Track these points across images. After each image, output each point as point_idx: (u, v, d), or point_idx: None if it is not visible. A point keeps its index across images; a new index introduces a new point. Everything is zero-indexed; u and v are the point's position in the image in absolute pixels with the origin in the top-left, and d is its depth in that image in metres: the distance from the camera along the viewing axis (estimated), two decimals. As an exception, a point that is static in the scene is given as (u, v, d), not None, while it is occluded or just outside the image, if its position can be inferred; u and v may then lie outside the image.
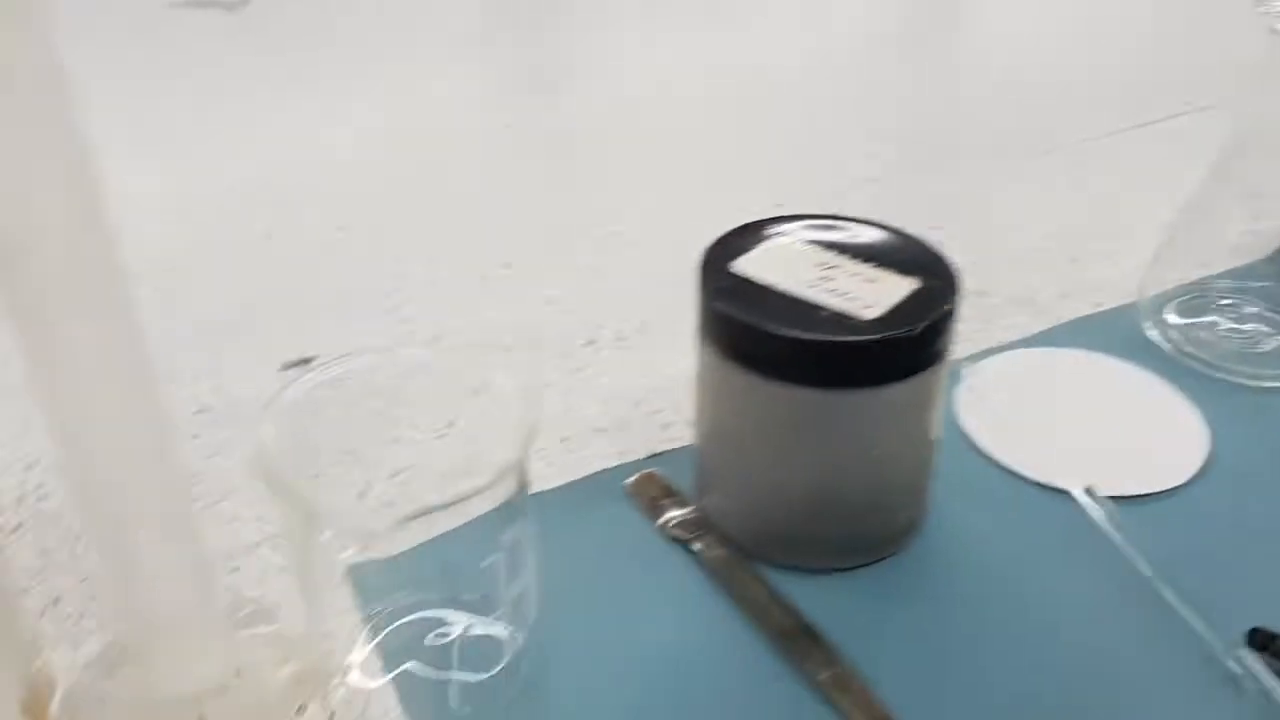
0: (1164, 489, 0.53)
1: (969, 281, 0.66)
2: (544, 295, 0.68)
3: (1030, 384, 0.60)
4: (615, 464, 0.55)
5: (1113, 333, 0.64)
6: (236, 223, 0.76)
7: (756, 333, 0.43)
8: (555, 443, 0.56)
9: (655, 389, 0.60)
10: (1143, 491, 0.53)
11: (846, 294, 0.45)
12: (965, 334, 0.64)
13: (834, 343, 0.42)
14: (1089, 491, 0.52)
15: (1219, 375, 0.61)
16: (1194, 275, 0.65)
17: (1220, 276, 0.66)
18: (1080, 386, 0.60)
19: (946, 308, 0.44)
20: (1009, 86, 0.94)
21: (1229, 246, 0.65)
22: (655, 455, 0.56)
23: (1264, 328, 0.63)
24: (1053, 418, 0.57)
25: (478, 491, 0.37)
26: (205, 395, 0.59)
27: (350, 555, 0.48)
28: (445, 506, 0.37)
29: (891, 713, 0.43)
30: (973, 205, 0.76)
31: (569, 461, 0.55)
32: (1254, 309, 0.64)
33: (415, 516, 0.36)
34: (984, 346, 0.63)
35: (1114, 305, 0.67)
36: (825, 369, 0.43)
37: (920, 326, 0.43)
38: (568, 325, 0.66)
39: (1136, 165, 0.82)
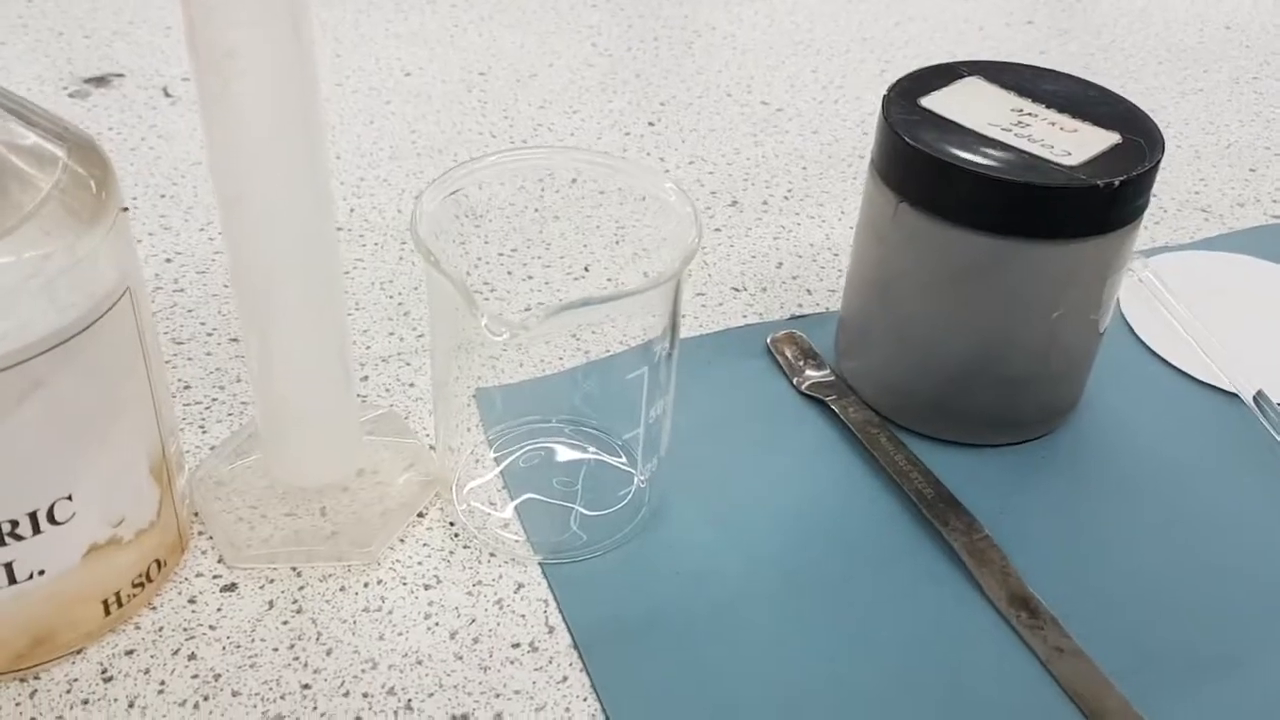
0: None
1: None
2: (689, 154, 0.65)
3: (1201, 286, 0.55)
4: (754, 322, 0.52)
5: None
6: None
7: (941, 166, 0.40)
8: (690, 297, 0.53)
9: (798, 255, 0.57)
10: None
11: (1042, 140, 0.41)
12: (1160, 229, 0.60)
13: (1027, 185, 0.39)
14: (1259, 397, 0.47)
15: None
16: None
17: None
18: (1254, 294, 0.55)
19: (1149, 164, 0.40)
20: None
21: None
22: (796, 318, 0.52)
23: None
24: (1224, 321, 0.52)
25: (633, 292, 0.34)
26: (341, 215, 0.58)
27: (483, 378, 0.46)
28: (601, 301, 0.34)
29: (1030, 588, 0.40)
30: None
31: (706, 317, 0.52)
32: None
33: (570, 307, 0.34)
34: (1157, 244, 0.59)
35: (1292, 219, 0.62)
36: (1014, 214, 0.39)
37: (1120, 180, 0.39)
38: (712, 185, 0.63)
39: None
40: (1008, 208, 0.39)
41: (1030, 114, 0.43)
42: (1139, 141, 0.41)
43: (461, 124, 0.67)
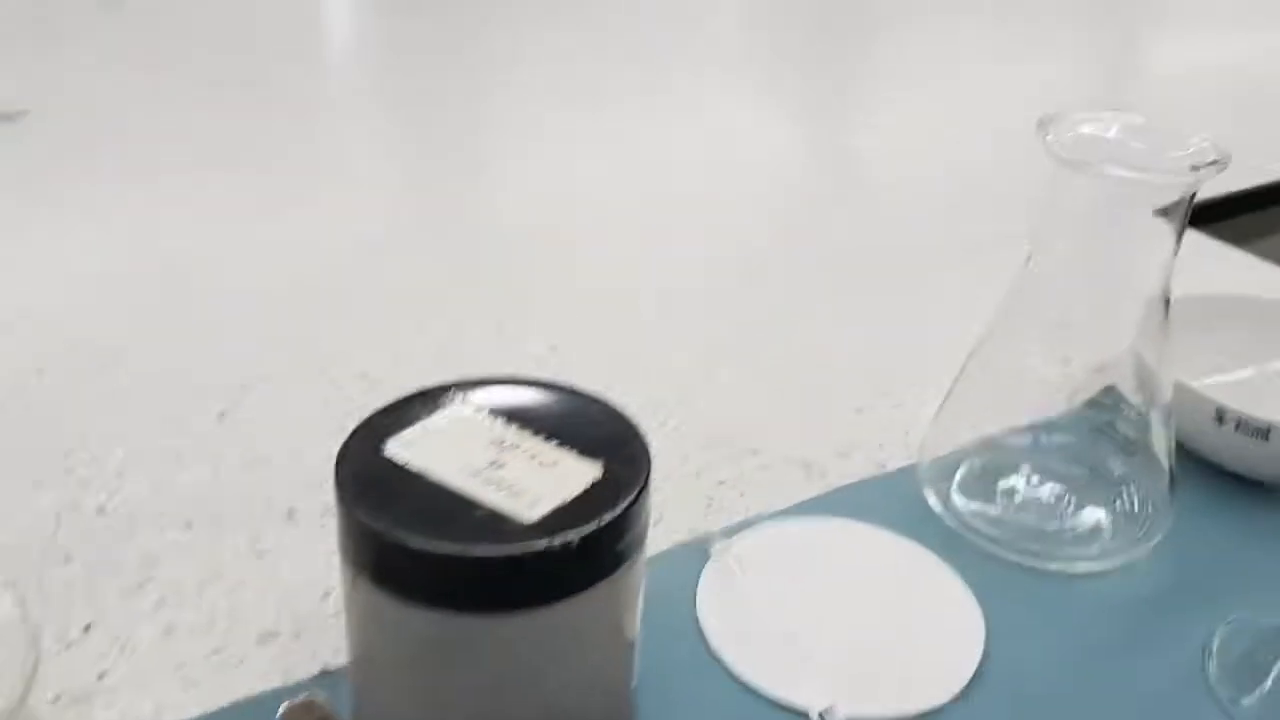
0: (917, 712, 0.43)
1: (742, 439, 0.56)
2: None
3: (788, 566, 0.49)
4: (274, 686, 0.43)
5: (892, 501, 0.55)
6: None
7: (384, 541, 0.33)
8: (200, 658, 0.44)
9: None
10: (892, 715, 0.43)
11: (513, 487, 0.34)
12: (725, 501, 0.54)
13: (477, 560, 0.32)
14: (823, 717, 0.41)
15: (1008, 556, 0.51)
16: (985, 431, 0.56)
17: (1016, 433, 0.57)
18: (845, 571, 0.50)
19: (624, 505, 0.34)
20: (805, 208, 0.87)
21: (1026, 398, 0.56)
22: (326, 673, 0.44)
23: (1064, 495, 0.54)
24: (806, 611, 0.47)
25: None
26: None
27: None
28: None
29: None
30: (754, 347, 0.67)
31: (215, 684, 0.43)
32: (1054, 473, 0.55)
33: None
34: (752, 512, 0.53)
35: (900, 465, 0.58)
36: (470, 589, 0.32)
37: (580, 536, 0.32)
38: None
39: (941, 298, 0.74)
40: (462, 583, 0.32)
41: (512, 446, 0.36)
42: (619, 475, 0.35)
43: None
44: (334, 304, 0.70)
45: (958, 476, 0.55)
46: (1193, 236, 0.84)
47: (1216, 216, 0.90)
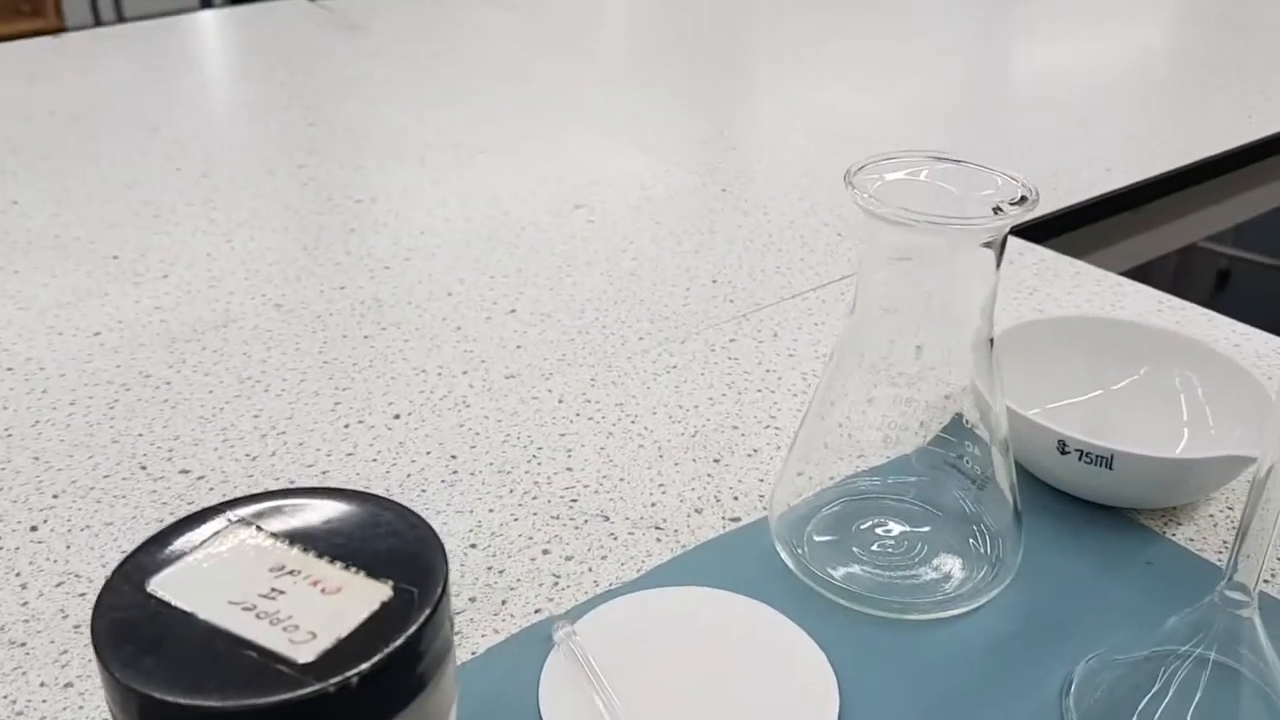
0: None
1: (591, 506, 0.54)
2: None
3: (635, 644, 0.47)
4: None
5: (745, 559, 0.53)
6: None
7: (143, 700, 0.29)
8: None
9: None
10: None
11: (289, 619, 0.31)
12: (573, 577, 0.52)
13: (237, 713, 0.29)
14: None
15: (863, 609, 0.49)
16: (832, 480, 0.55)
17: (866, 476, 0.55)
18: (695, 643, 0.47)
19: (412, 630, 0.31)
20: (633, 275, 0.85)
21: (870, 441, 0.54)
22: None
23: (916, 541, 0.53)
24: (654, 692, 0.44)
25: None
26: None
27: None
28: None
29: None
30: (603, 406, 0.65)
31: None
32: (905, 515, 0.54)
33: None
34: (601, 587, 0.51)
35: (753, 520, 0.56)
36: (237, 744, 0.29)
37: (358, 674, 0.29)
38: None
39: (790, 339, 0.73)
40: (227, 737, 0.29)
41: (293, 572, 0.33)
42: (410, 595, 0.32)
43: None
44: (155, 391, 0.65)
45: (809, 528, 0.53)
46: (1038, 252, 0.84)
47: (1057, 231, 0.91)
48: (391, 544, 0.34)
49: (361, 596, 0.32)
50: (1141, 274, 1.06)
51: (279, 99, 1.14)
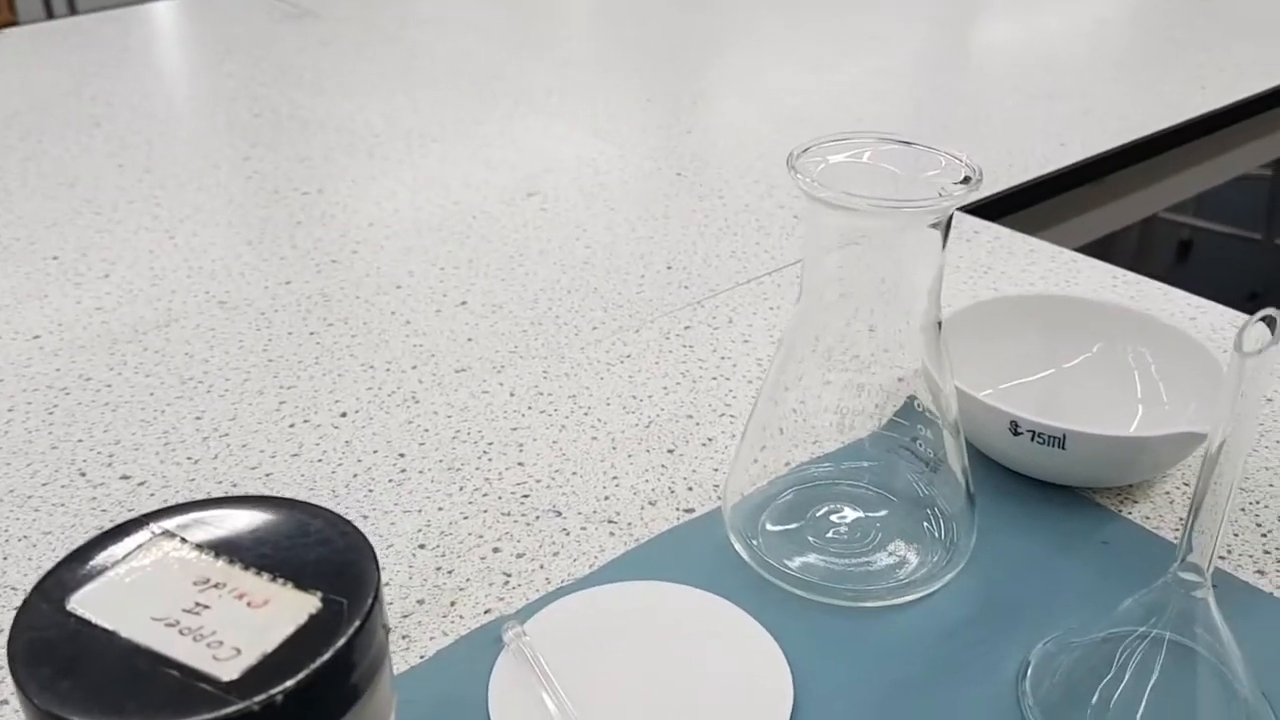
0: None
1: (544, 501, 0.53)
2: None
3: (587, 642, 0.46)
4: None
5: (699, 551, 0.52)
6: None
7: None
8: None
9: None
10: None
11: (213, 635, 0.30)
12: (525, 575, 0.51)
13: (157, 733, 0.28)
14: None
15: (817, 598, 0.49)
16: (786, 468, 0.54)
17: (819, 463, 0.54)
18: (647, 639, 0.46)
19: (341, 643, 0.30)
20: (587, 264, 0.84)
21: (823, 427, 0.53)
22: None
23: (870, 527, 0.52)
24: (606, 690, 0.43)
25: None
26: None
27: None
28: None
29: None
30: (556, 400, 0.64)
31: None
32: (860, 501, 0.54)
33: None
34: (554, 585, 0.50)
35: (707, 510, 0.55)
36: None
37: (283, 691, 0.28)
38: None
39: (745, 325, 0.72)
40: (147, 761, 0.28)
41: (218, 585, 0.32)
42: (340, 605, 0.31)
43: None
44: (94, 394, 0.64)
45: (763, 518, 0.52)
46: (993, 230, 0.84)
47: (1014, 208, 0.91)
48: (321, 553, 0.33)
49: (289, 609, 0.31)
50: (1103, 246, 1.06)
51: (225, 90, 1.12)
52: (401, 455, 0.58)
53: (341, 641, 0.30)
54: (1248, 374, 0.37)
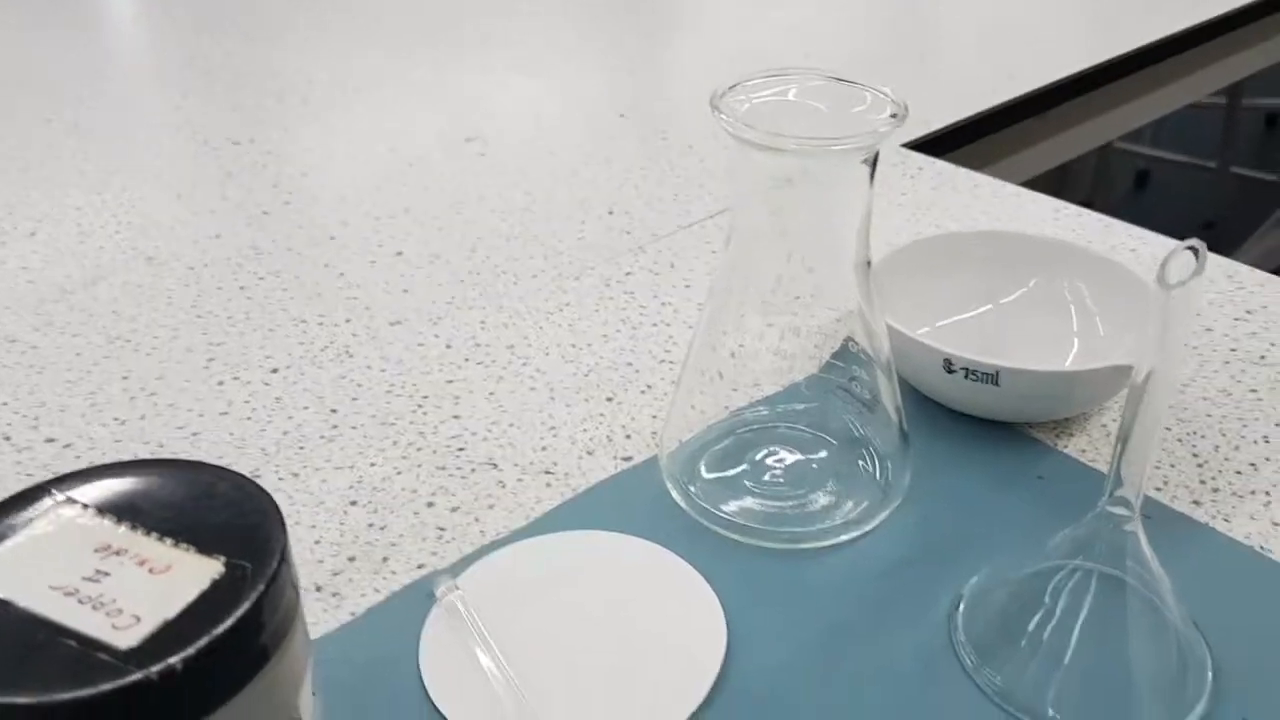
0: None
1: (480, 454, 0.53)
2: None
3: (521, 595, 0.46)
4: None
5: (636, 500, 0.52)
6: None
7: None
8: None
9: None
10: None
11: (112, 603, 0.29)
12: (459, 527, 0.50)
13: (52, 708, 0.27)
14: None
15: (755, 542, 0.49)
16: (723, 413, 0.54)
17: (756, 407, 0.54)
18: (582, 590, 0.46)
19: (244, 608, 0.29)
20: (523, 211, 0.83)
21: (759, 371, 0.52)
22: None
23: (807, 469, 0.52)
24: (540, 644, 0.43)
25: None
26: None
27: None
28: None
29: None
30: (494, 348, 0.63)
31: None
32: (797, 444, 0.53)
33: None
34: (488, 538, 0.50)
35: (645, 458, 0.55)
36: (59, 737, 0.28)
37: (182, 659, 0.28)
38: None
39: (687, 270, 0.71)
40: (47, 733, 0.28)
41: (119, 552, 0.31)
42: (244, 569, 0.31)
43: None
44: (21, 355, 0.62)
45: (700, 464, 0.52)
46: (937, 166, 0.84)
47: (963, 141, 0.90)
48: (226, 516, 0.32)
49: (191, 575, 0.30)
50: (1060, 178, 1.06)
51: (155, 40, 1.09)
52: (334, 411, 0.57)
53: (245, 606, 0.29)
54: (1172, 306, 0.37)
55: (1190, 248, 0.37)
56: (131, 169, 0.84)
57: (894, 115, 0.43)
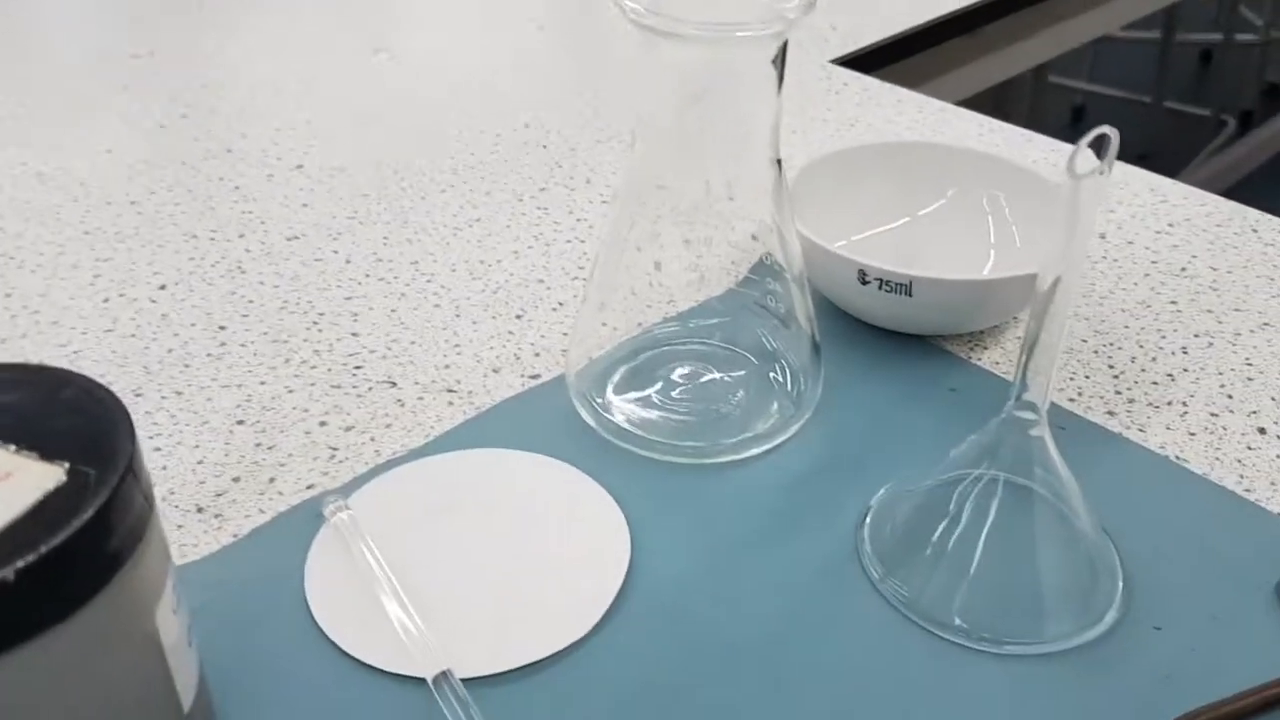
0: (550, 654, 0.39)
1: (379, 371, 0.51)
2: None
3: (414, 516, 0.44)
4: None
5: (542, 417, 0.50)
6: None
7: None
8: None
9: None
10: (525, 663, 0.39)
11: (-57, 512, 0.28)
12: (353, 447, 0.48)
13: None
14: (442, 679, 0.37)
15: (665, 458, 0.48)
16: (640, 324, 0.52)
17: (669, 322, 0.52)
18: (481, 509, 0.45)
19: (85, 517, 0.27)
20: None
21: (672, 286, 0.50)
22: None
23: (719, 383, 0.51)
24: (432, 565, 0.42)
25: None
26: None
27: None
28: None
29: None
30: (397, 264, 0.61)
31: None
32: (709, 360, 0.52)
33: None
34: (384, 458, 0.48)
35: (554, 376, 0.53)
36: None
37: (14, 569, 0.26)
38: None
39: (604, 185, 0.69)
40: None
41: (-47, 460, 0.29)
42: (87, 476, 0.29)
43: None
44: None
45: (610, 381, 0.51)
46: (863, 82, 0.82)
47: (890, 59, 0.89)
48: (72, 422, 0.30)
49: (32, 482, 0.28)
50: (996, 113, 1.05)
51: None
52: (222, 328, 0.55)
53: (86, 515, 0.27)
54: (1081, 198, 0.35)
55: (1097, 139, 0.35)
56: (21, 83, 0.79)
57: (803, 2, 0.41)
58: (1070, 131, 0.53)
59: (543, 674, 0.38)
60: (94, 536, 0.27)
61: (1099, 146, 0.36)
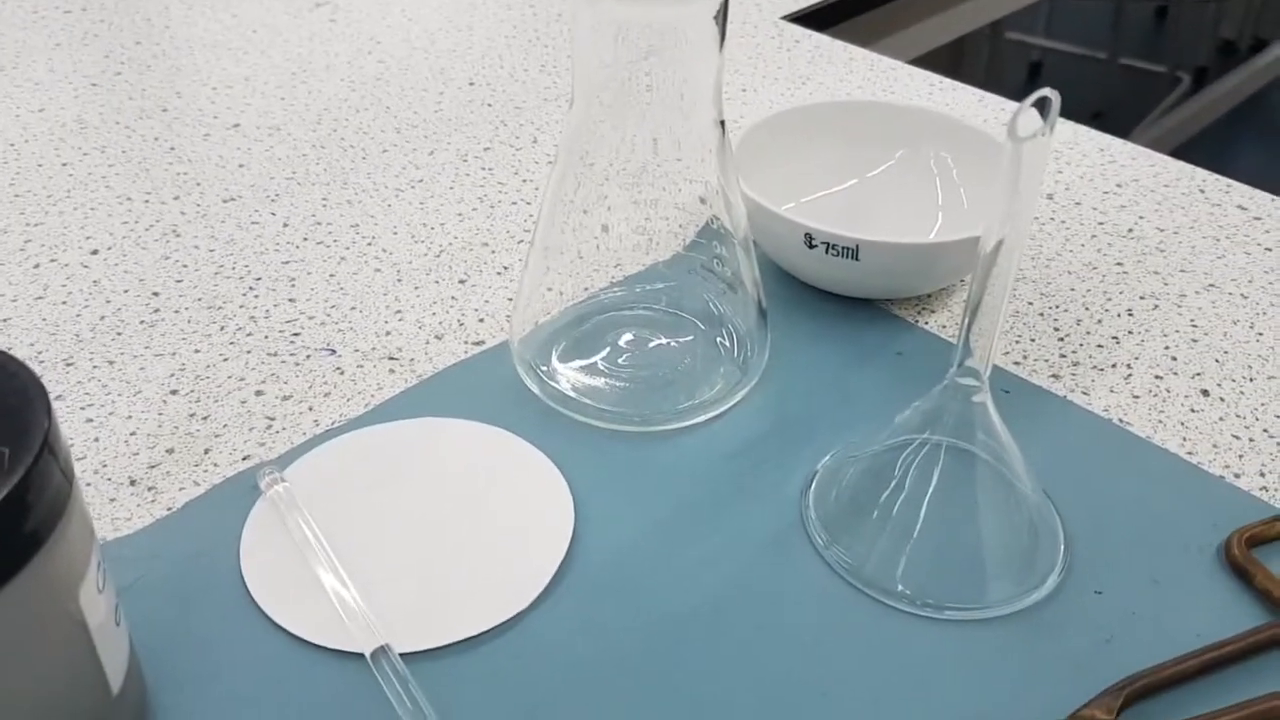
0: (492, 627, 0.39)
1: (317, 339, 0.50)
2: None
3: (353, 487, 0.43)
4: None
5: (485, 385, 0.50)
6: None
7: None
8: None
9: None
10: (465, 637, 0.39)
11: None
12: (290, 417, 0.47)
13: None
14: (380, 654, 0.37)
15: (610, 426, 0.47)
16: (587, 289, 0.52)
17: (615, 287, 0.52)
18: (421, 480, 0.44)
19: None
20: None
21: (618, 249, 0.50)
22: None
23: (666, 350, 0.51)
24: (370, 537, 0.41)
25: None
26: None
27: None
28: None
29: None
30: (337, 227, 0.60)
31: None
32: (652, 324, 0.52)
33: None
34: (322, 428, 0.47)
35: (498, 343, 0.53)
36: None
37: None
38: None
39: (551, 145, 0.68)
40: None
41: None
42: (1, 453, 0.28)
43: None
44: None
45: (555, 348, 0.50)
46: (815, 39, 0.81)
47: (839, 18, 0.88)
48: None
49: (-59, 462, 0.27)
50: (953, 70, 1.05)
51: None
52: (155, 294, 0.53)
53: (1, 494, 0.26)
54: (1024, 160, 0.35)
55: (1039, 101, 0.35)
56: (-59, 36, 0.77)
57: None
58: (1028, 88, 0.53)
59: (484, 647, 0.38)
60: (10, 517, 0.27)
61: (1043, 107, 0.35)
